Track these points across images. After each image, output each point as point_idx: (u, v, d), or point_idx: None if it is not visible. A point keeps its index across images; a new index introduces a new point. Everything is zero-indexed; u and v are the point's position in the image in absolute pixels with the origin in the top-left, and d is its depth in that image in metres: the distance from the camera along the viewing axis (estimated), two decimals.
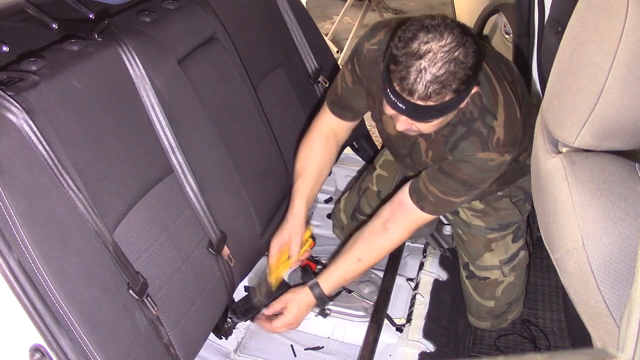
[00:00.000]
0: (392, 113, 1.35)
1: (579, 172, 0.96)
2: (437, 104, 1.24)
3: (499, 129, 1.39)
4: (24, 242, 1.01)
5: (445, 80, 1.21)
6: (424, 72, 1.20)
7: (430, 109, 1.26)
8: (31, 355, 1.03)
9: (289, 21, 2.05)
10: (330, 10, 5.44)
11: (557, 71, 1.00)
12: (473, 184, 1.46)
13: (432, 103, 1.24)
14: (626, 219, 0.89)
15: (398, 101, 1.27)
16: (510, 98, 1.43)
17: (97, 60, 1.25)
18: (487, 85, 1.41)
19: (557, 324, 1.86)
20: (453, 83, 1.22)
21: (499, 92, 1.41)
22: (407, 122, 1.34)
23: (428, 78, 1.21)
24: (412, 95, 1.23)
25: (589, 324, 0.93)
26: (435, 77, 1.20)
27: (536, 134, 1.14)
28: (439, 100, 1.24)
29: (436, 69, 1.20)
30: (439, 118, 1.31)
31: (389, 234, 1.57)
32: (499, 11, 2.43)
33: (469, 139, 1.41)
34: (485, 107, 1.39)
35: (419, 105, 1.25)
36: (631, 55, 0.84)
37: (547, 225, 1.05)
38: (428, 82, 1.21)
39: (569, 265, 0.95)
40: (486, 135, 1.39)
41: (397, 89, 1.25)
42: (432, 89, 1.21)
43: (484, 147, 1.39)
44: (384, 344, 1.72)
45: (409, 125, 1.36)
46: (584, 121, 0.91)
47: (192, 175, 1.41)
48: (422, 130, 1.37)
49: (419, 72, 1.21)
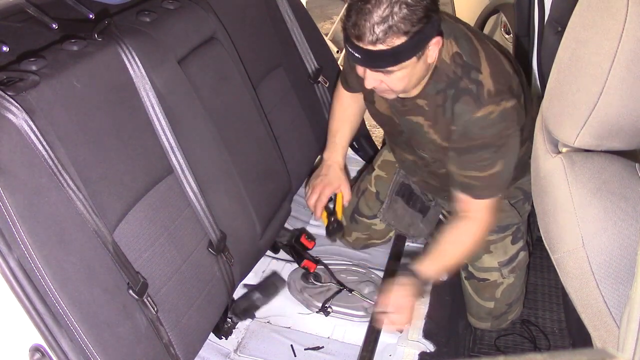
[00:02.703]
0: (361, 73, 1.36)
1: (579, 172, 0.96)
2: (389, 48, 1.24)
3: (486, 80, 1.38)
4: (24, 242, 1.01)
5: (391, 21, 1.21)
6: (369, 14, 1.21)
7: (383, 54, 1.25)
8: (31, 355, 1.03)
9: (289, 21, 2.05)
10: (330, 10, 5.44)
11: (557, 71, 1.00)
12: (494, 142, 1.42)
13: (383, 47, 1.24)
14: (626, 219, 0.89)
15: (354, 51, 1.28)
16: (493, 52, 1.44)
17: (97, 60, 1.25)
18: (466, 45, 1.41)
19: (557, 324, 1.86)
20: (402, 24, 1.22)
21: (480, 49, 1.42)
22: (372, 77, 1.34)
23: (374, 20, 1.21)
24: (362, 40, 1.24)
25: (589, 324, 0.93)
26: (381, 19, 1.21)
27: (536, 134, 1.14)
28: (390, 44, 1.24)
29: (381, 11, 1.21)
30: (395, 65, 1.29)
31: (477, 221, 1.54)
32: (499, 11, 2.43)
33: (461, 100, 1.40)
34: (467, 63, 1.39)
35: (371, 51, 1.25)
36: (631, 55, 0.84)
37: (547, 225, 1.05)
38: (374, 24, 1.21)
39: (569, 265, 0.95)
40: (475, 91, 1.38)
41: (351, 38, 1.27)
42: (379, 31, 1.22)
43: (478, 103, 1.38)
44: (384, 344, 1.72)
45: (377, 83, 1.35)
46: (584, 121, 0.91)
47: (192, 175, 1.41)
48: (392, 86, 1.36)
49: (364, 15, 1.22)
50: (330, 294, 1.91)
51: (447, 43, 1.37)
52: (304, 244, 2.02)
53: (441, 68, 1.39)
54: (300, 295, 1.92)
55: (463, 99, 1.39)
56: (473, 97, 1.38)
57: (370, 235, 2.03)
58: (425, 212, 1.91)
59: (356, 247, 2.09)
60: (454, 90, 1.40)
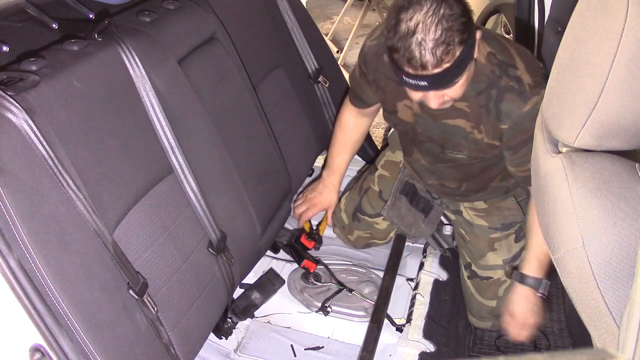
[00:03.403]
0: (419, 98, 1.36)
1: (579, 172, 0.96)
2: (452, 62, 1.26)
3: (524, 75, 1.41)
4: (24, 242, 1.01)
5: (446, 38, 1.22)
6: (424, 42, 1.22)
7: (450, 70, 1.27)
8: (31, 355, 1.03)
9: (289, 21, 2.05)
10: (330, 10, 5.44)
11: (557, 71, 1.00)
12: None
13: (447, 65, 1.25)
14: (626, 219, 0.89)
15: (417, 81, 1.28)
16: (519, 46, 1.48)
17: (97, 60, 1.25)
18: (496, 43, 1.44)
19: (557, 324, 1.86)
20: (455, 36, 1.23)
21: (508, 45, 1.45)
22: (436, 95, 1.34)
23: (431, 45, 1.22)
24: (426, 68, 1.25)
25: (589, 324, 0.92)
26: (437, 41, 1.22)
27: (536, 133, 1.14)
28: (452, 59, 1.25)
29: (433, 34, 1.22)
30: (462, 75, 1.31)
31: None
32: (499, 11, 2.43)
33: (506, 98, 1.42)
34: (502, 62, 1.42)
35: (438, 74, 1.26)
36: (631, 55, 0.84)
37: (547, 225, 1.04)
38: (433, 49, 1.22)
39: (569, 265, 0.95)
40: (517, 87, 1.41)
41: (411, 71, 1.27)
42: (440, 52, 1.23)
43: (523, 97, 1.40)
44: (384, 344, 1.72)
45: (440, 98, 1.36)
46: (584, 121, 0.91)
47: (192, 175, 1.41)
48: (453, 96, 1.37)
49: (419, 46, 1.22)
50: (330, 293, 1.91)
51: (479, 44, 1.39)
52: (304, 244, 2.02)
53: (479, 69, 1.41)
54: (300, 295, 1.92)
55: (507, 97, 1.42)
56: (516, 93, 1.41)
57: (372, 234, 2.03)
58: (427, 212, 1.91)
59: (357, 246, 2.09)
60: (496, 90, 1.42)
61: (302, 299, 1.90)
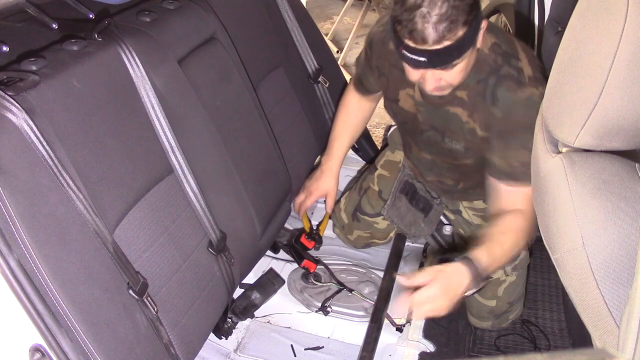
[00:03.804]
0: (417, 78, 1.35)
1: (579, 172, 0.96)
2: (453, 42, 1.25)
3: (526, 67, 1.41)
4: (24, 242, 1.01)
5: (451, 14, 1.22)
6: (428, 15, 1.22)
7: (449, 49, 1.26)
8: (31, 355, 1.03)
9: (289, 21, 2.05)
10: (330, 10, 5.44)
11: (557, 71, 1.00)
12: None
13: (448, 42, 1.25)
14: (626, 219, 0.89)
15: (416, 56, 1.28)
16: (524, 44, 1.48)
17: (97, 60, 1.25)
18: (502, 35, 1.45)
19: (557, 324, 1.86)
20: (460, 16, 1.23)
21: (514, 40, 1.47)
22: (434, 77, 1.34)
23: (434, 20, 1.22)
24: (427, 42, 1.24)
25: (589, 324, 0.92)
26: (441, 16, 1.22)
27: (536, 133, 1.14)
28: (454, 38, 1.24)
29: (438, 8, 1.21)
30: (461, 57, 1.30)
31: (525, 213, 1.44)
32: (499, 11, 2.43)
33: (503, 85, 1.42)
34: (506, 52, 1.43)
35: (437, 50, 1.25)
36: (631, 55, 0.84)
37: (547, 225, 1.05)
38: (436, 23, 1.22)
39: (569, 265, 0.95)
40: (517, 75, 1.41)
41: (411, 44, 1.26)
42: (442, 28, 1.22)
43: (520, 86, 1.40)
44: (384, 344, 1.72)
45: (438, 82, 1.35)
46: (584, 121, 0.91)
47: (192, 175, 1.41)
48: (450, 81, 1.36)
49: (423, 18, 1.22)
50: (330, 293, 1.91)
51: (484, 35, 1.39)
52: (304, 244, 2.02)
53: (481, 58, 1.42)
54: (300, 295, 1.92)
55: (505, 84, 1.42)
56: (515, 81, 1.41)
57: (372, 234, 2.03)
58: (427, 211, 1.91)
59: (357, 246, 2.09)
60: (494, 77, 1.42)
61: (302, 299, 1.90)
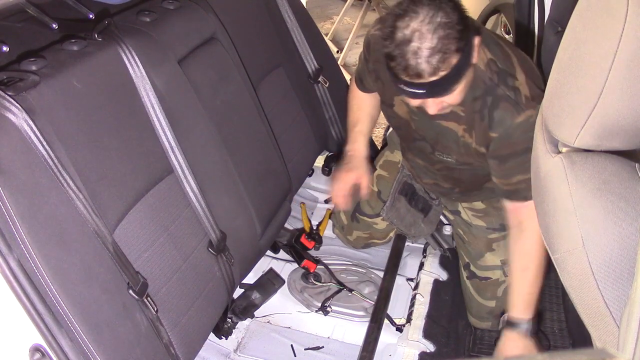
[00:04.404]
0: (418, 104, 1.35)
1: (579, 172, 0.96)
2: (449, 70, 1.25)
3: (522, 87, 1.39)
4: (24, 242, 1.01)
5: (442, 46, 1.21)
6: (420, 51, 1.21)
7: (447, 78, 1.26)
8: (31, 355, 1.03)
9: (289, 21, 2.05)
10: (330, 10, 5.44)
11: (557, 71, 1.00)
12: None
13: (443, 72, 1.24)
14: (626, 219, 0.89)
15: (414, 89, 1.28)
16: (522, 55, 1.45)
17: (97, 60, 1.25)
18: (498, 50, 1.42)
19: (557, 324, 1.86)
20: (451, 44, 1.22)
21: (510, 53, 1.43)
22: (435, 103, 1.34)
23: (426, 54, 1.21)
24: (422, 77, 1.24)
25: (589, 324, 0.92)
26: (432, 49, 1.21)
27: (536, 133, 1.14)
28: (449, 67, 1.24)
29: (429, 42, 1.21)
30: (459, 82, 1.30)
31: (528, 231, 1.49)
32: (499, 11, 2.43)
33: (500, 107, 1.40)
34: (502, 70, 1.40)
35: (434, 82, 1.25)
36: (631, 55, 0.84)
37: (547, 225, 1.04)
38: (428, 57, 1.21)
39: (569, 265, 0.95)
40: (514, 97, 1.39)
41: (407, 79, 1.26)
42: (436, 61, 1.22)
43: (518, 108, 1.39)
44: (384, 344, 1.72)
45: (439, 105, 1.35)
46: (584, 121, 0.91)
47: (192, 175, 1.41)
48: (451, 102, 1.36)
49: (415, 54, 1.21)
50: (330, 293, 1.91)
51: (480, 50, 1.38)
52: (304, 244, 2.02)
53: (477, 75, 1.40)
54: (300, 295, 1.92)
55: (502, 106, 1.40)
56: (512, 103, 1.39)
57: (371, 235, 2.03)
58: (426, 212, 1.91)
59: (357, 246, 2.09)
60: (491, 97, 1.41)
61: (302, 299, 1.90)
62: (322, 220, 2.12)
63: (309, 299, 1.90)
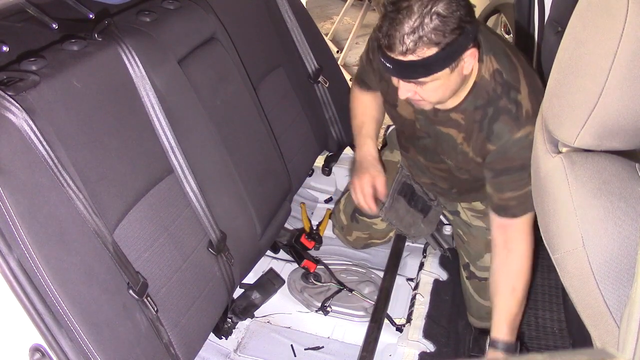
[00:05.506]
0: (395, 82, 1.34)
1: (579, 172, 0.96)
2: (419, 59, 1.22)
3: (525, 102, 1.37)
4: (24, 242, 1.01)
5: (424, 33, 1.19)
6: (400, 24, 1.20)
7: (414, 65, 1.23)
8: (31, 355, 1.03)
9: (289, 21, 2.05)
10: (330, 10, 5.44)
11: (557, 71, 1.00)
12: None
13: (413, 57, 1.22)
14: (626, 219, 0.89)
15: (385, 61, 1.26)
16: (529, 69, 1.42)
17: (97, 60, 1.25)
18: (505, 60, 1.39)
19: (557, 324, 1.86)
20: (434, 35, 1.19)
21: (518, 65, 1.40)
22: (405, 87, 1.32)
23: (405, 30, 1.20)
24: (393, 50, 1.22)
25: (589, 324, 0.92)
26: (412, 29, 1.19)
27: (536, 134, 1.14)
28: (421, 55, 1.21)
29: (412, 21, 1.19)
30: (426, 75, 1.27)
31: (515, 252, 1.50)
32: (499, 11, 2.43)
33: (500, 120, 1.38)
34: (507, 82, 1.38)
35: (402, 61, 1.23)
36: (631, 55, 0.84)
37: (547, 225, 1.05)
38: (404, 34, 1.20)
39: (569, 265, 0.95)
40: (515, 111, 1.37)
41: (383, 48, 1.25)
42: (409, 41, 1.20)
43: (517, 123, 1.37)
44: (384, 344, 1.72)
45: (412, 93, 1.33)
46: (584, 121, 0.91)
47: (192, 175, 1.41)
48: (425, 97, 1.34)
49: (395, 25, 1.20)
50: (330, 293, 1.91)
51: (487, 59, 1.36)
52: (304, 244, 2.02)
53: (481, 84, 1.38)
54: (300, 295, 1.92)
55: (502, 119, 1.38)
56: (512, 117, 1.37)
57: (370, 235, 2.03)
58: (426, 212, 1.91)
59: (356, 247, 2.09)
60: (493, 109, 1.39)
61: (302, 299, 1.90)
62: (322, 220, 2.12)
63: (309, 299, 1.90)
